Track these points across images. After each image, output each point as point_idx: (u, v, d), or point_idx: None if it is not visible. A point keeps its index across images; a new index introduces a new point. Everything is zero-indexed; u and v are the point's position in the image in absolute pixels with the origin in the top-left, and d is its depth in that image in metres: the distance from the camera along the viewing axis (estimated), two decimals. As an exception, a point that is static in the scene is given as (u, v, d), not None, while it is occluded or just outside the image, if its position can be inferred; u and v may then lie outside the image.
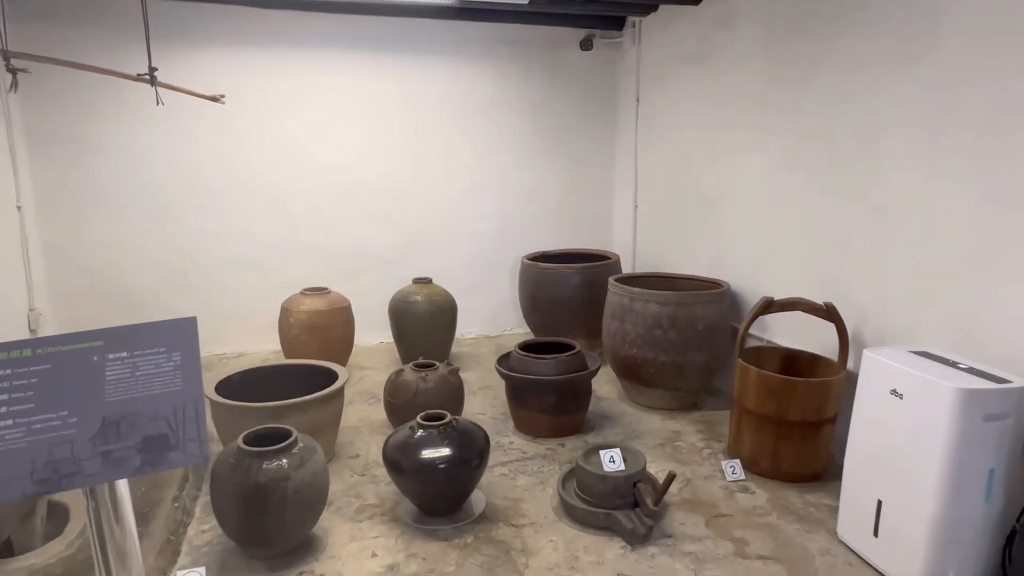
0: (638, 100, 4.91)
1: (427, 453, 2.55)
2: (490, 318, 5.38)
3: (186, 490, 2.81)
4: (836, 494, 2.84)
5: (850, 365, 3.00)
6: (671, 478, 2.50)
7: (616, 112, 5.33)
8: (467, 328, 5.19)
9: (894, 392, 2.23)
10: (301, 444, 2.42)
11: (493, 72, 5.03)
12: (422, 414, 2.69)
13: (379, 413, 3.63)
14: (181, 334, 1.33)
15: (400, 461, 2.57)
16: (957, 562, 2.12)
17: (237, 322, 4.78)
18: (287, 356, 4.17)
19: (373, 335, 5.02)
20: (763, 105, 3.56)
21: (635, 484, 2.62)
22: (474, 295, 5.15)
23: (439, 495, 2.61)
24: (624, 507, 2.61)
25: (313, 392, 2.97)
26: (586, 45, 5.08)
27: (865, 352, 2.40)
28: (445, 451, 2.56)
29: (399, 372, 3.35)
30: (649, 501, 2.52)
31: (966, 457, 2.05)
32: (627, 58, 5.06)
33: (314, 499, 2.40)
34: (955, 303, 2.54)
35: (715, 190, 4.04)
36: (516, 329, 5.41)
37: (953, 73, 2.49)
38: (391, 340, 4.56)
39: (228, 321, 4.75)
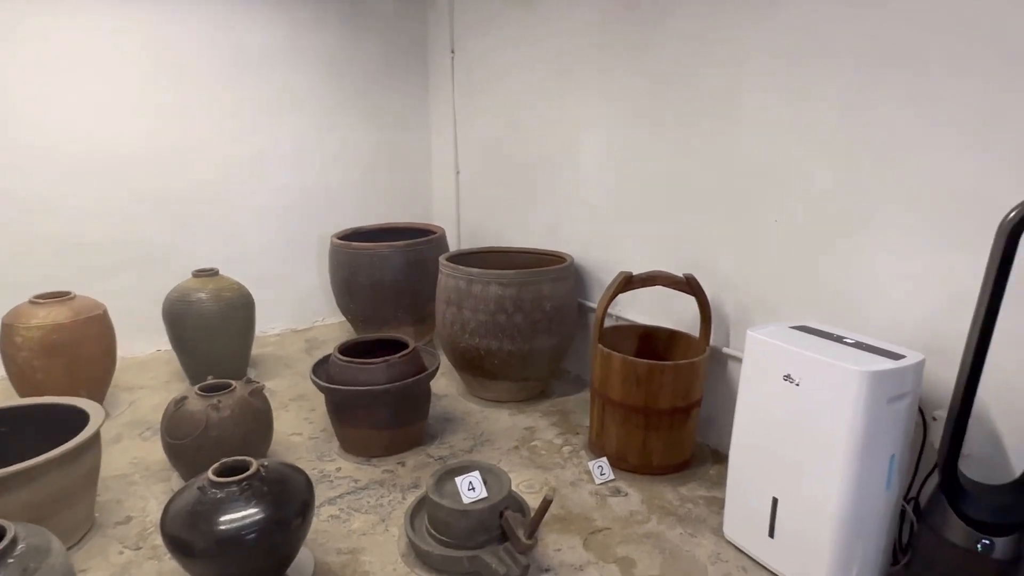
0: (453, 52, 4.33)
1: (227, 521, 1.85)
2: (296, 309, 4.57)
3: None
4: (709, 483, 2.63)
5: (719, 342, 2.79)
6: (547, 504, 2.05)
7: (429, 65, 4.71)
8: (269, 324, 4.37)
9: (788, 378, 1.97)
10: (23, 545, 1.61)
11: (279, 15, 4.14)
12: (214, 466, 1.97)
13: (158, 451, 2.79)
14: None
15: (188, 539, 1.84)
16: (860, 558, 1.94)
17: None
18: (20, 391, 3.07)
19: (146, 343, 4.01)
20: (604, 55, 3.16)
21: (501, 514, 2.15)
22: (273, 284, 4.33)
23: (248, 573, 1.93)
24: (491, 543, 2.13)
25: (56, 444, 2.11)
26: (389, -14, 4.38)
27: (749, 333, 2.11)
28: (253, 513, 1.88)
29: (179, 401, 2.53)
30: (521, 534, 2.07)
31: (871, 445, 1.83)
32: (439, 3, 4.44)
33: (51, 625, 1.61)
34: (824, 270, 2.35)
35: (550, 151, 3.62)
36: (329, 319, 4.67)
37: (817, 14, 2.25)
38: (170, 347, 3.62)
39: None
